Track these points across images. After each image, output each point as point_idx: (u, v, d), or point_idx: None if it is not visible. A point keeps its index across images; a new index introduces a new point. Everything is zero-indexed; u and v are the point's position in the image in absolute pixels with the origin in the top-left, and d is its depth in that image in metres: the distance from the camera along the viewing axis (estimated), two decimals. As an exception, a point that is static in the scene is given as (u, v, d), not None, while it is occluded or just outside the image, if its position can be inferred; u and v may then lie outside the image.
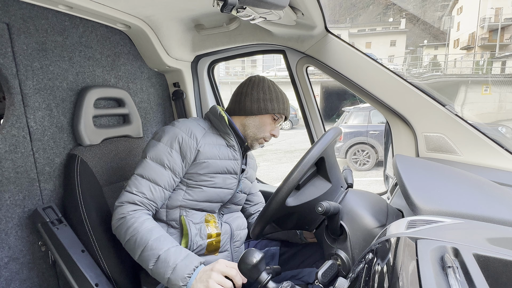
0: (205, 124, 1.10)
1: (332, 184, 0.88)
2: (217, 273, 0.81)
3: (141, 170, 0.97)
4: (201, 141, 1.02)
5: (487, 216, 0.64)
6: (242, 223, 1.17)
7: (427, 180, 0.89)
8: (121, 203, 0.94)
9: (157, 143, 0.99)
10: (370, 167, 6.75)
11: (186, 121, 1.05)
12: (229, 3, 0.63)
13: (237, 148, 1.09)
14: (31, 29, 1.03)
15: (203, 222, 1.03)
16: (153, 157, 0.98)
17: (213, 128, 1.10)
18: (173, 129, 1.01)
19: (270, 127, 1.12)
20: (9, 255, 1.02)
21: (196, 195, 1.01)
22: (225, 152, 1.06)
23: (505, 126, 5.76)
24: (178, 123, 1.04)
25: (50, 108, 1.10)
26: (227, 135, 1.07)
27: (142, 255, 0.88)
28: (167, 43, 1.39)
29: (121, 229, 0.92)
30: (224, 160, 1.05)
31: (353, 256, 0.75)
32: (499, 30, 24.42)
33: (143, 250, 0.88)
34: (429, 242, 0.47)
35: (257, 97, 1.09)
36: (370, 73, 1.22)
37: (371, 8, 52.51)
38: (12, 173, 1.00)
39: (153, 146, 0.99)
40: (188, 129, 1.02)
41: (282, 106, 1.11)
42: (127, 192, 0.95)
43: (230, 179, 1.07)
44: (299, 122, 12.97)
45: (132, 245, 0.90)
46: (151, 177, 0.96)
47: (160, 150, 0.98)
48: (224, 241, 1.07)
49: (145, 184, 0.96)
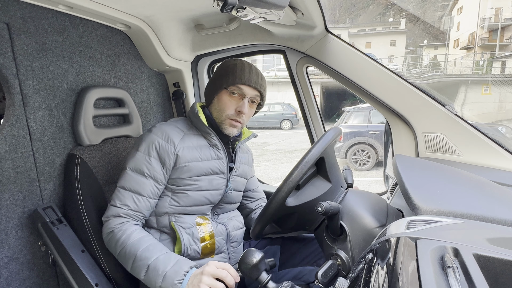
0: (185, 125, 1.06)
1: (332, 184, 0.88)
2: (207, 276, 0.80)
3: (123, 182, 0.97)
4: (178, 145, 0.99)
5: (487, 216, 0.64)
6: (239, 222, 1.15)
7: (427, 180, 0.89)
8: (107, 217, 0.95)
9: (136, 152, 0.98)
10: (370, 167, 6.75)
11: (163, 126, 1.02)
12: (229, 3, 0.63)
13: (220, 147, 1.05)
14: (31, 29, 1.03)
15: (195, 226, 1.01)
16: (133, 167, 0.97)
17: (194, 128, 1.06)
18: (149, 135, 0.99)
19: (232, 103, 1.03)
20: (9, 255, 1.02)
21: (181, 200, 1.00)
22: (207, 153, 1.03)
23: (505, 126, 5.75)
24: (155, 128, 1.01)
25: (50, 108, 1.10)
26: (208, 135, 1.04)
27: (133, 266, 0.89)
28: (167, 43, 1.39)
29: (111, 243, 0.94)
30: (207, 161, 1.03)
31: (353, 256, 0.75)
32: (499, 30, 24.42)
33: (133, 261, 0.89)
34: (429, 242, 0.47)
35: (212, 80, 1.08)
36: (370, 73, 1.22)
37: (371, 8, 52.51)
38: (12, 173, 1.00)
39: (132, 157, 0.98)
40: (164, 134, 0.99)
41: (233, 77, 1.01)
42: (112, 206, 0.95)
43: (217, 179, 1.04)
44: (299, 122, 12.98)
45: (123, 258, 0.91)
46: (133, 188, 0.95)
47: (138, 159, 0.97)
48: (220, 243, 1.05)
49: (128, 196, 0.95)
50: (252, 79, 1.03)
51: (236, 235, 1.12)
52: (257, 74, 1.06)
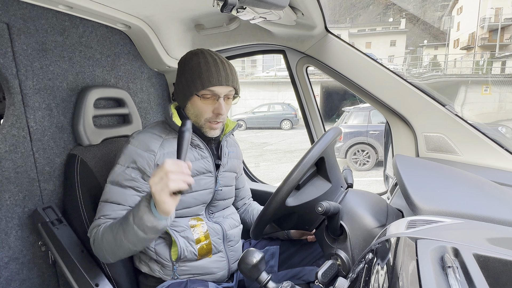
0: (162, 129, 1.02)
1: (332, 184, 0.88)
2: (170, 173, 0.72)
3: (104, 196, 0.95)
4: (158, 152, 0.96)
5: (487, 216, 0.64)
6: (235, 221, 1.14)
7: (427, 180, 0.89)
8: (89, 232, 0.92)
9: (116, 166, 0.96)
10: (370, 167, 6.75)
11: (140, 134, 0.99)
12: (229, 3, 0.63)
13: (202, 146, 1.02)
14: (31, 29, 1.03)
15: (189, 228, 1.00)
16: (112, 181, 0.95)
17: (172, 132, 1.02)
18: (128, 147, 0.96)
19: (208, 107, 0.97)
20: (9, 255, 1.02)
21: None
22: (190, 154, 1.00)
23: (505, 126, 5.75)
24: (133, 139, 0.98)
25: (50, 108, 1.10)
26: None
27: (120, 249, 0.83)
28: (167, 43, 1.39)
29: (97, 251, 0.89)
30: (191, 162, 1.00)
31: (353, 256, 0.75)
32: (499, 30, 24.41)
33: (119, 247, 0.83)
34: (429, 242, 0.47)
35: (179, 83, 1.01)
36: (370, 73, 1.22)
37: (371, 8, 52.52)
38: (12, 173, 1.00)
39: (112, 171, 0.96)
40: (142, 143, 0.96)
41: (201, 81, 0.94)
42: (94, 221, 0.93)
43: (204, 179, 1.02)
44: (299, 122, 12.98)
45: (113, 254, 0.86)
46: (114, 200, 0.93)
47: (117, 172, 0.95)
48: (217, 243, 1.04)
49: (109, 207, 0.93)
50: (221, 77, 0.95)
51: (233, 234, 1.11)
52: (225, 69, 0.96)
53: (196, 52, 1.00)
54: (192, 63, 0.98)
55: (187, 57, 1.01)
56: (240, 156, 1.23)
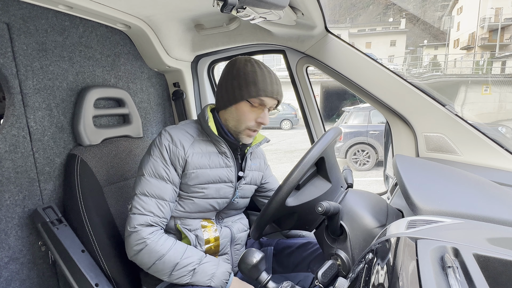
0: (195, 129, 1.04)
1: (332, 184, 0.88)
2: None
3: (143, 188, 0.94)
4: (188, 150, 0.97)
5: (487, 216, 0.64)
6: (243, 225, 1.16)
7: (427, 180, 0.89)
8: (133, 227, 0.91)
9: (150, 157, 0.97)
10: (370, 167, 6.75)
11: (173, 129, 1.00)
12: (229, 3, 0.63)
13: (229, 155, 1.03)
14: (31, 29, 1.03)
15: (200, 228, 1.02)
16: (151, 172, 0.95)
17: (203, 134, 1.04)
18: (161, 140, 0.98)
19: (253, 115, 0.99)
20: (9, 255, 1.02)
21: (187, 207, 0.99)
22: (216, 160, 1.01)
23: (505, 126, 5.75)
24: (165, 132, 0.99)
25: (50, 108, 1.10)
26: (217, 142, 1.02)
27: (173, 274, 0.92)
28: (167, 43, 1.39)
29: (143, 255, 0.91)
30: (215, 168, 1.01)
31: (353, 256, 0.75)
32: (499, 30, 24.41)
33: (174, 269, 0.92)
34: (429, 242, 0.47)
35: (228, 85, 1.00)
36: (370, 73, 1.22)
37: (371, 8, 52.52)
38: (12, 173, 1.00)
39: (147, 162, 0.97)
40: (175, 138, 0.98)
41: (256, 88, 0.96)
42: (137, 215, 0.92)
43: (224, 188, 1.03)
44: (299, 122, 12.98)
45: (160, 267, 0.91)
46: (155, 194, 0.94)
47: (155, 164, 0.95)
48: (224, 245, 1.06)
49: (151, 202, 0.93)
50: (274, 90, 0.98)
51: (240, 238, 1.12)
52: (277, 83, 1.01)
53: (250, 59, 1.01)
54: (247, 69, 0.98)
55: (240, 61, 1.01)
56: (263, 169, 1.21)
